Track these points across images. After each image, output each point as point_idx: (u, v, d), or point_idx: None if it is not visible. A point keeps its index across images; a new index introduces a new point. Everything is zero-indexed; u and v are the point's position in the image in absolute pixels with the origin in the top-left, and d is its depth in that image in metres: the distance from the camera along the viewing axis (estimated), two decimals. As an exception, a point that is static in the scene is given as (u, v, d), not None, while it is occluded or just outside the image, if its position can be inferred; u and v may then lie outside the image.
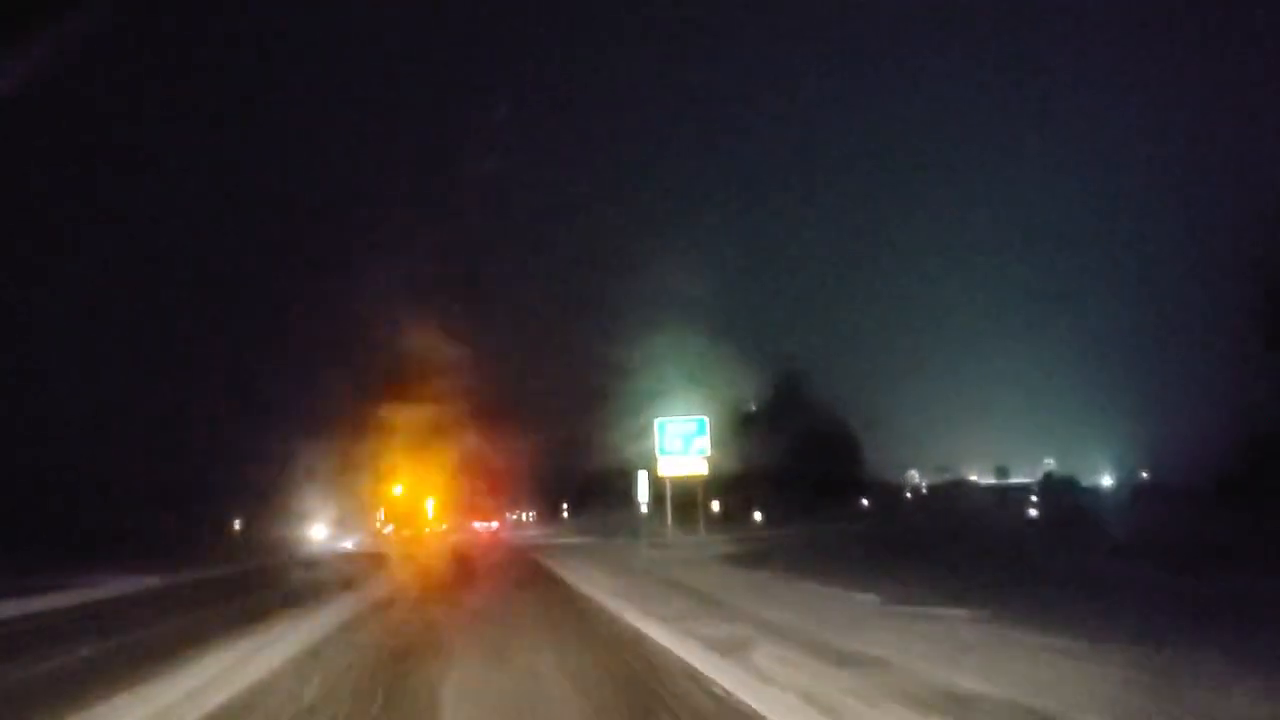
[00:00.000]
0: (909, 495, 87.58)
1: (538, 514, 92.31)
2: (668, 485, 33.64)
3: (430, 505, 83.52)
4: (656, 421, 33.78)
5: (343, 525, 73.82)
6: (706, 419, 33.84)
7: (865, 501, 65.26)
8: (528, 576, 20.11)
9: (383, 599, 16.00)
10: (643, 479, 35.78)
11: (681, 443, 33.58)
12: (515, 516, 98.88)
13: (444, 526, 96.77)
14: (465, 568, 25.53)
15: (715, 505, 36.51)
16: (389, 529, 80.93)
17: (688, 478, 33.87)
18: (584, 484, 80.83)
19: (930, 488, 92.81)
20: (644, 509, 33.75)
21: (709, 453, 33.55)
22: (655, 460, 34.15)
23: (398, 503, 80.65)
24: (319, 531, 59.37)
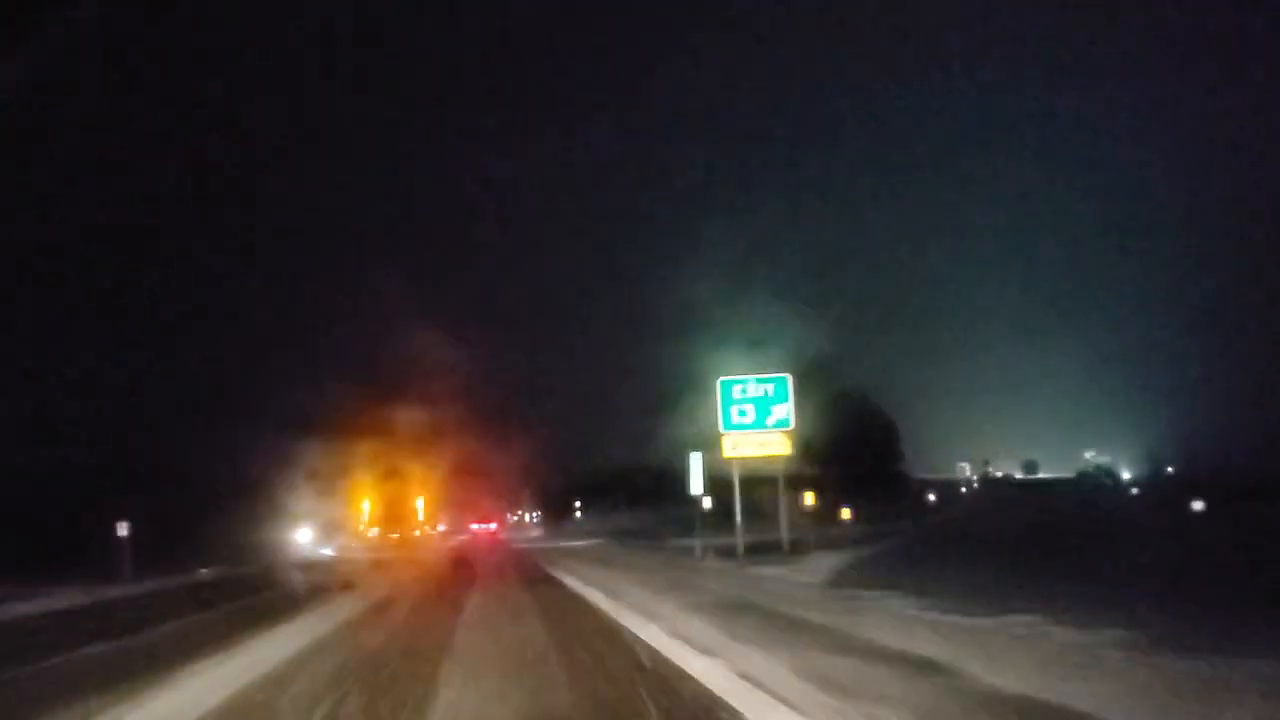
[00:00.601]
0: (964, 489, 78.37)
1: (544, 514, 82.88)
2: (735, 471, 24.15)
3: (420, 505, 74.03)
4: (719, 382, 24.27)
5: (328, 528, 66.33)
6: (788, 377, 24.32)
7: (932, 497, 55.91)
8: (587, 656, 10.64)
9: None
10: (696, 464, 26.34)
11: (753, 412, 24.09)
12: (516, 517, 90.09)
13: (441, 528, 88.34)
14: (463, 590, 16.03)
15: (809, 498, 26.83)
16: (374, 532, 71.74)
17: (764, 460, 24.38)
18: (599, 480, 71.38)
19: (980, 482, 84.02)
20: (706, 504, 24.34)
21: (793, 425, 24.04)
22: (717, 439, 24.76)
23: (385, 503, 71.32)
24: (304, 535, 54.68)
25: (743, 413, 24.14)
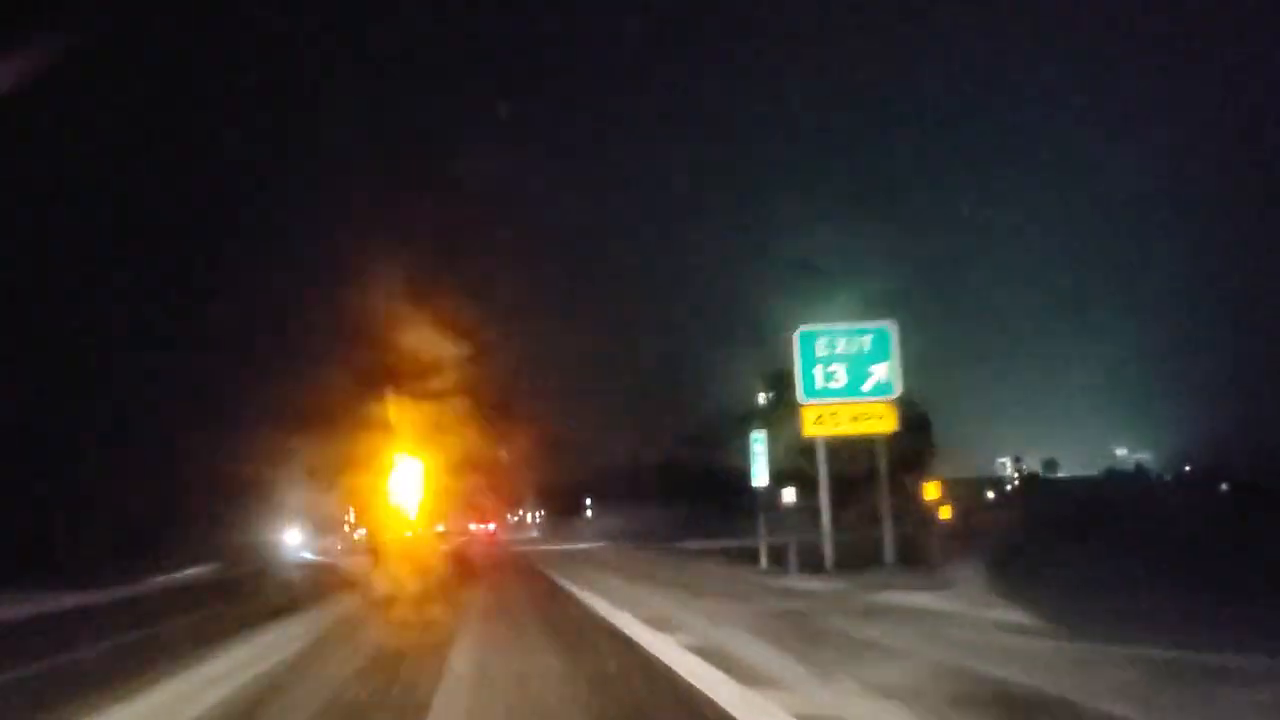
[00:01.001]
0: (1008, 487, 72.38)
1: (547, 513, 76.76)
2: (822, 454, 18.00)
3: (413, 505, 67.57)
4: (797, 336, 18.09)
5: (314, 529, 61.69)
6: (891, 327, 18.17)
7: (991, 494, 50.05)
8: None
9: None
10: (759, 447, 20.25)
11: (845, 374, 17.93)
12: (517, 517, 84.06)
13: (440, 528, 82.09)
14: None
15: (931, 490, 20.47)
16: (361, 532, 65.57)
17: (859, 438, 18.27)
18: (615, 476, 65.09)
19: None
20: (788, 497, 18.26)
21: (899, 390, 17.92)
22: (795, 410, 18.80)
23: (372, 502, 65.05)
24: (292, 536, 51.37)
25: (830, 375, 17.93)
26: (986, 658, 7.44)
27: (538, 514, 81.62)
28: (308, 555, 50.76)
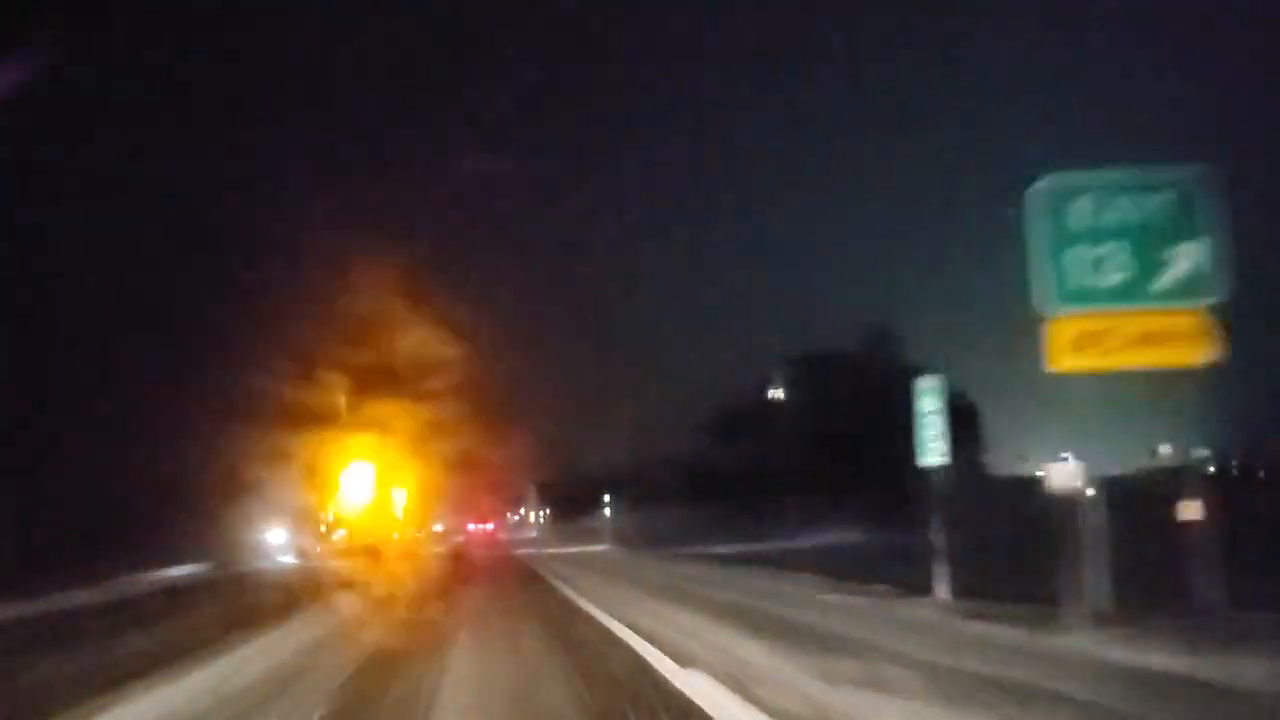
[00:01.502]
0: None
1: (552, 513, 69.47)
2: (1083, 402, 10.15)
3: (401, 503, 60.23)
4: (1036, 191, 10.17)
5: (297, 529, 55.98)
6: (1207, 178, 10.22)
7: (1091, 491, 42.46)
8: None
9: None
10: (931, 399, 12.41)
11: (1127, 259, 10.04)
12: (518, 516, 77.02)
13: (438, 528, 75.86)
14: None
15: None
16: (341, 534, 58.43)
17: (1159, 370, 10.41)
18: (622, 473, 57.36)
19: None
20: (1065, 480, 10.38)
21: (1224, 292, 10.03)
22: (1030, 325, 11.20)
23: (362, 502, 57.80)
24: (277, 536, 46.85)
25: (1098, 264, 10.06)
26: None
27: (541, 514, 74.72)
28: (288, 559, 45.04)
